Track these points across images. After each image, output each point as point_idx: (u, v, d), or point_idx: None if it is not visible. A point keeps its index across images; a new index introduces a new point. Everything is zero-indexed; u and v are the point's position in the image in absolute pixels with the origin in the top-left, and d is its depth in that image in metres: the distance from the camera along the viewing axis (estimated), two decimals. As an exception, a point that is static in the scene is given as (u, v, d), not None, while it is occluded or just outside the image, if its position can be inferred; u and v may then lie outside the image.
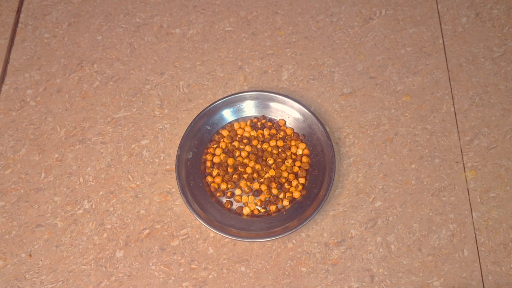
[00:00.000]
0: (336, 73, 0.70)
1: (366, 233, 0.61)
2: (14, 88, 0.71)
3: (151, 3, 0.76)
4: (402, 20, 0.73)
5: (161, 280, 0.59)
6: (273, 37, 0.73)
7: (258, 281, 0.59)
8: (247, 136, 0.65)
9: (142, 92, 0.70)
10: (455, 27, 0.72)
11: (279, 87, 0.69)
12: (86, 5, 0.77)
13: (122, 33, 0.74)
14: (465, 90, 0.68)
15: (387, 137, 0.66)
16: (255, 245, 0.61)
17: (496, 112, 0.67)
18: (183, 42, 0.73)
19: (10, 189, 0.65)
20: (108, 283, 0.59)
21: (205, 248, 0.61)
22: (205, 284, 0.59)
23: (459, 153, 0.64)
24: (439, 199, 0.62)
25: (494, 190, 0.62)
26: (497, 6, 0.73)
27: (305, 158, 0.63)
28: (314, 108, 0.68)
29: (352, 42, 0.72)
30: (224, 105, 0.66)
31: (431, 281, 0.58)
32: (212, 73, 0.71)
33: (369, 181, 0.63)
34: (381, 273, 0.59)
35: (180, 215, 0.62)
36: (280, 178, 0.62)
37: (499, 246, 0.59)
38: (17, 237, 0.62)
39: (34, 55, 0.73)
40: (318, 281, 0.59)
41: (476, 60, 0.70)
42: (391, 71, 0.70)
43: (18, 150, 0.67)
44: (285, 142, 0.65)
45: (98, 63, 0.72)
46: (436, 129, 0.66)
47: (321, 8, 0.75)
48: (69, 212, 0.63)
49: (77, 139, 0.67)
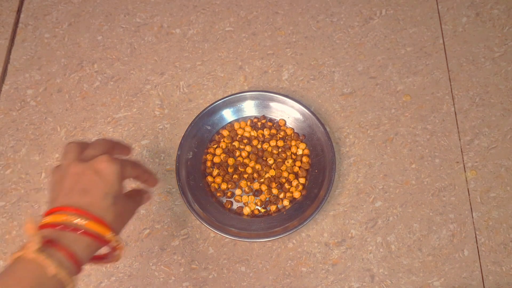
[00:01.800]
0: (336, 73, 0.70)
1: (366, 233, 0.61)
2: (15, 88, 0.71)
3: (151, 3, 0.76)
4: (403, 20, 0.73)
5: (161, 280, 0.59)
6: (273, 37, 0.73)
7: (259, 281, 0.59)
8: (247, 136, 0.65)
9: (143, 92, 0.70)
10: (456, 27, 0.72)
11: (279, 87, 0.69)
12: (86, 5, 0.77)
13: (122, 33, 0.74)
14: (466, 90, 0.68)
15: (387, 137, 0.66)
16: (255, 245, 0.61)
17: (497, 112, 0.66)
18: (183, 42, 0.73)
19: (11, 189, 0.65)
20: (108, 283, 0.59)
21: (205, 248, 0.61)
22: (205, 284, 0.59)
23: (460, 153, 0.64)
24: (440, 199, 0.62)
25: (495, 190, 0.62)
26: (498, 6, 0.73)
27: (305, 158, 0.63)
28: (314, 108, 0.68)
29: (352, 42, 0.72)
30: (224, 105, 0.66)
31: (431, 281, 0.58)
32: (212, 73, 0.71)
33: (369, 181, 0.63)
34: (381, 273, 0.59)
35: (180, 215, 0.62)
36: (280, 178, 0.62)
37: (500, 246, 0.59)
38: (18, 237, 0.62)
39: (35, 55, 0.73)
40: (318, 281, 0.59)
41: (477, 60, 0.70)
42: (391, 71, 0.70)
43: (18, 150, 0.67)
44: (285, 142, 0.65)
45: (98, 63, 0.72)
46: (436, 129, 0.66)
47: (321, 8, 0.75)
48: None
49: (77, 139, 0.67)
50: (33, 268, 0.36)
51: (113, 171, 0.41)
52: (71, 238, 0.38)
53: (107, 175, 0.41)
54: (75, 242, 0.38)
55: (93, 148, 0.44)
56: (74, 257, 0.38)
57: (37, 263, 0.36)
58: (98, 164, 0.41)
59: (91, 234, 0.39)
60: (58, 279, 0.36)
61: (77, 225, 0.38)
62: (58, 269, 0.36)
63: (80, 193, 0.40)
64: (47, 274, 0.36)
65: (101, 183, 0.41)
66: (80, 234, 0.38)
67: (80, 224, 0.39)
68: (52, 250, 0.37)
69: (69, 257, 0.37)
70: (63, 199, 0.40)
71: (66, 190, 0.40)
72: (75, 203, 0.39)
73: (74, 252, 0.38)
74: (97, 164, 0.41)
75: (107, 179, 0.41)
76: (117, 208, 0.42)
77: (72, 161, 0.42)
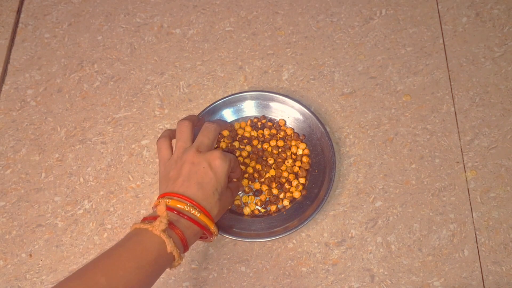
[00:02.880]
0: (337, 73, 0.70)
1: (367, 233, 0.61)
2: (15, 88, 0.71)
3: (151, 3, 0.76)
4: (403, 20, 0.73)
5: (161, 280, 0.59)
6: (273, 37, 0.73)
7: (259, 281, 0.59)
8: (248, 136, 0.65)
9: (143, 92, 0.70)
10: (456, 27, 0.72)
11: (279, 87, 0.69)
12: (86, 5, 0.77)
13: (122, 33, 0.74)
14: (466, 90, 0.68)
15: (388, 137, 0.66)
16: (255, 245, 0.61)
17: (497, 112, 0.66)
18: (184, 42, 0.73)
19: (11, 189, 0.65)
20: (108, 283, 0.59)
21: (206, 248, 0.61)
22: (206, 284, 0.59)
23: (460, 153, 0.64)
24: (440, 199, 0.62)
25: (495, 190, 0.62)
26: (498, 6, 0.73)
27: (305, 158, 0.63)
28: (314, 108, 0.68)
29: (352, 42, 0.72)
30: (224, 105, 0.66)
31: (432, 281, 0.58)
32: (212, 73, 0.71)
33: (369, 181, 0.63)
34: (382, 273, 0.59)
35: (180, 215, 0.62)
36: (280, 178, 0.62)
37: (500, 246, 0.59)
38: (18, 237, 0.62)
39: (35, 55, 0.73)
40: (318, 281, 0.59)
41: (477, 60, 0.70)
42: (391, 71, 0.70)
43: (18, 150, 0.67)
44: (285, 142, 0.65)
45: (98, 63, 0.72)
46: (436, 129, 0.66)
47: (321, 8, 0.75)
48: (69, 212, 0.63)
49: (78, 139, 0.67)
50: (157, 242, 0.43)
51: (224, 169, 0.48)
52: (186, 225, 0.46)
53: (219, 172, 0.48)
54: (188, 228, 0.46)
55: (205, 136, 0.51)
56: (185, 240, 0.46)
57: (161, 240, 0.43)
58: (213, 160, 0.48)
59: (201, 225, 0.47)
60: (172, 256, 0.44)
61: (193, 215, 0.46)
62: (174, 248, 0.44)
63: (197, 186, 0.47)
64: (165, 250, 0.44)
65: (214, 179, 0.48)
66: (193, 223, 0.46)
67: (195, 215, 0.46)
68: (172, 232, 0.45)
69: (182, 240, 0.45)
70: (182, 187, 0.47)
71: (184, 178, 0.48)
72: (192, 195, 0.47)
73: (186, 237, 0.46)
74: (212, 159, 0.48)
75: (218, 176, 0.48)
76: (221, 203, 0.49)
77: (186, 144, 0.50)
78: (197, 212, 0.46)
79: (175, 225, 0.45)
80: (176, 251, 0.44)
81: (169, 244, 0.43)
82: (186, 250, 0.47)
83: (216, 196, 0.48)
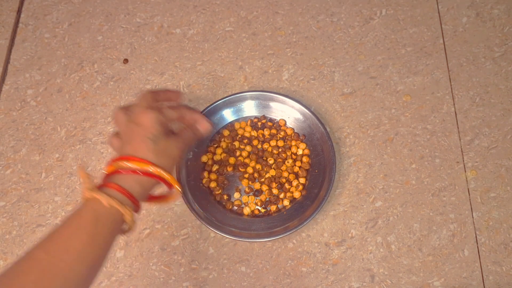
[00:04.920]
0: (337, 73, 0.70)
1: (367, 233, 0.61)
2: (15, 88, 0.71)
3: (151, 3, 0.76)
4: (403, 20, 0.73)
5: (161, 280, 0.59)
6: (273, 37, 0.73)
7: (259, 281, 0.59)
8: (248, 136, 0.65)
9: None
10: (456, 27, 0.72)
11: (280, 87, 0.69)
12: (86, 5, 0.77)
13: (122, 33, 0.74)
14: (466, 90, 0.68)
15: (388, 137, 0.66)
16: (255, 245, 0.61)
17: (497, 112, 0.66)
18: (184, 42, 0.73)
19: (11, 189, 0.65)
20: (108, 283, 0.59)
21: (206, 248, 0.61)
22: (206, 284, 0.59)
23: (460, 153, 0.64)
24: (440, 199, 0.62)
25: (495, 190, 0.62)
26: (498, 6, 0.73)
27: (306, 158, 0.63)
28: (315, 108, 0.68)
29: (352, 42, 0.72)
30: (225, 105, 0.66)
31: (432, 281, 0.58)
32: (213, 73, 0.71)
33: (369, 181, 0.63)
34: (382, 273, 0.59)
35: (180, 215, 0.62)
36: (280, 178, 0.62)
37: (500, 246, 0.59)
38: (18, 237, 0.62)
39: (35, 55, 0.73)
40: (318, 281, 0.59)
41: (477, 60, 0.70)
42: (392, 71, 0.70)
43: (18, 150, 0.67)
44: (285, 142, 0.65)
45: (98, 63, 0.72)
46: (436, 129, 0.66)
47: (321, 8, 0.75)
48: (69, 212, 0.63)
49: (78, 139, 0.67)
50: (91, 204, 0.42)
51: (149, 117, 0.47)
52: (120, 178, 0.44)
53: (145, 122, 0.47)
54: (124, 180, 0.44)
55: (137, 105, 0.49)
56: (125, 191, 0.43)
57: (93, 198, 0.42)
58: (136, 117, 0.48)
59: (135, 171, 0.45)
60: (114, 210, 0.42)
61: (123, 167, 0.45)
62: (110, 200, 0.42)
63: (126, 145, 0.47)
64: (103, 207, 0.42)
65: (140, 130, 0.47)
66: (126, 172, 0.44)
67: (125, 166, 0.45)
68: (104, 189, 0.43)
69: (120, 191, 0.43)
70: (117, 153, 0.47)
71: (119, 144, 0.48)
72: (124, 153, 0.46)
73: (124, 187, 0.43)
74: (135, 117, 0.48)
75: (145, 125, 0.47)
76: (159, 147, 0.47)
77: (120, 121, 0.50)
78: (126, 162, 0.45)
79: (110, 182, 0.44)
80: (119, 204, 0.42)
81: (102, 198, 0.42)
82: (137, 206, 0.44)
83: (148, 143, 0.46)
